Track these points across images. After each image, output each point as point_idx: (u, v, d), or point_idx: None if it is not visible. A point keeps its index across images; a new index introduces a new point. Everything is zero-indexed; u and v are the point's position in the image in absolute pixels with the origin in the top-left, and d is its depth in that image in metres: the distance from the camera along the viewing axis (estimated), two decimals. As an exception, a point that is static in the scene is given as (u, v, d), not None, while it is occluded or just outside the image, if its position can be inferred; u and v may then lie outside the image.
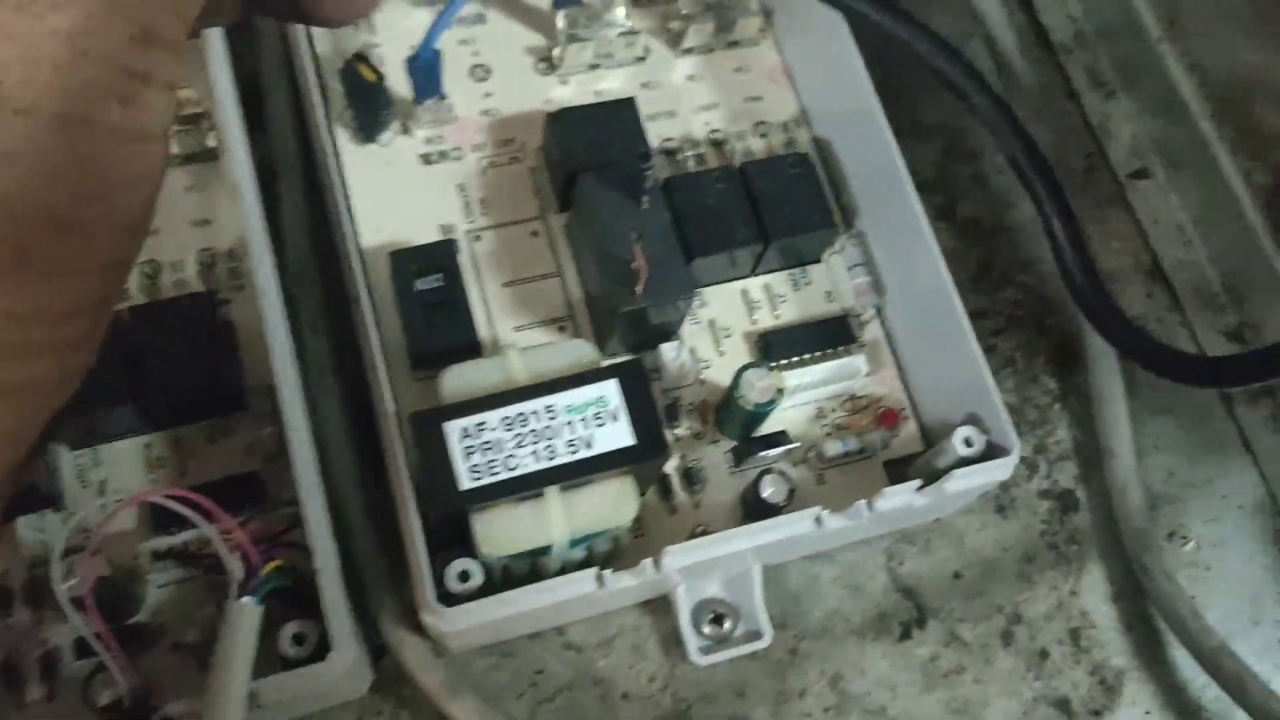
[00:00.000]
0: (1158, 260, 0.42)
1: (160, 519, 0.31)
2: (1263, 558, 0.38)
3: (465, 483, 0.30)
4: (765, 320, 0.37)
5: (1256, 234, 0.39)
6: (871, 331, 0.37)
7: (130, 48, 0.17)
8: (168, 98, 0.19)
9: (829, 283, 0.38)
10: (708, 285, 0.37)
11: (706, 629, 0.34)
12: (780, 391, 0.33)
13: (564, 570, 0.32)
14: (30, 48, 0.16)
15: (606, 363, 0.31)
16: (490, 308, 0.36)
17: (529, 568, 0.31)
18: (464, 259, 0.36)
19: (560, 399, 0.31)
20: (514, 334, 0.36)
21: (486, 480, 0.30)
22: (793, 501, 0.34)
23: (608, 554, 0.33)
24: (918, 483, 0.32)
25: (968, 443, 0.33)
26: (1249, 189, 0.39)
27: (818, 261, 0.38)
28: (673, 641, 0.35)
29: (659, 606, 0.35)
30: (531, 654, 0.34)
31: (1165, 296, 0.41)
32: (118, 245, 0.19)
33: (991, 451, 0.33)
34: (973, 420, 0.33)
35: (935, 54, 0.37)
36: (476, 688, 0.34)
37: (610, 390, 0.31)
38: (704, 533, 0.34)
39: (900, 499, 0.32)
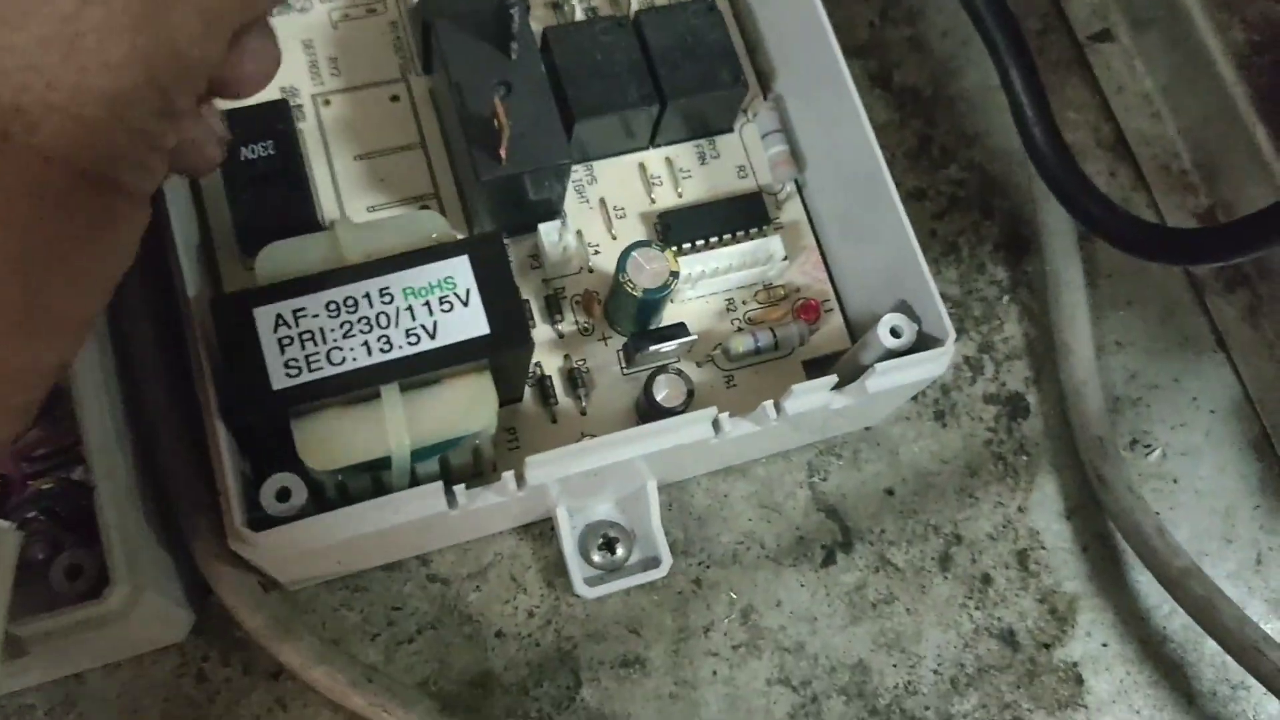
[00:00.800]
0: (1121, 133, 0.36)
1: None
2: (1238, 467, 0.33)
3: (279, 381, 0.24)
4: (667, 198, 0.32)
5: (1233, 100, 0.34)
6: (790, 212, 0.32)
7: (155, 118, 0.18)
8: (167, 163, 0.19)
9: (741, 156, 0.33)
10: (599, 158, 0.32)
11: (595, 556, 0.30)
12: (675, 275, 0.28)
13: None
14: (72, 102, 0.17)
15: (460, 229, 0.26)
16: (340, 184, 0.31)
17: (370, 484, 0.26)
18: (308, 127, 0.31)
19: (397, 279, 0.25)
20: (368, 215, 0.30)
21: (306, 378, 0.25)
22: (692, 405, 0.28)
23: (468, 469, 0.28)
24: (833, 379, 0.27)
25: (894, 332, 0.28)
26: (1225, 48, 0.34)
27: (729, 132, 0.33)
28: (556, 571, 0.30)
29: (542, 531, 0.30)
30: (388, 587, 0.29)
31: (1129, 174, 0.36)
32: (98, 303, 0.19)
33: (924, 343, 0.28)
34: (902, 308, 0.28)
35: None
36: (319, 628, 0.29)
37: (460, 269, 0.26)
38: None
39: (813, 399, 0.27)
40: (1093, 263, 0.34)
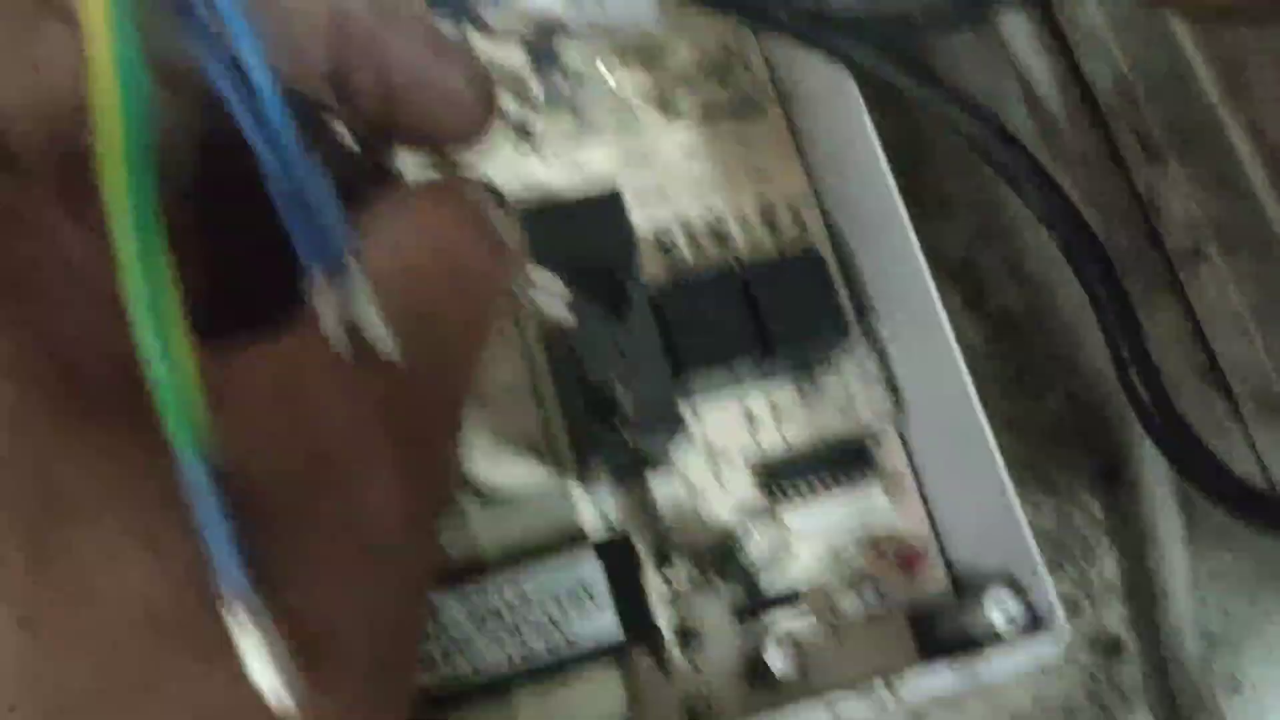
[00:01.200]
0: (1214, 358, 0.37)
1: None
2: (1339, 716, 0.34)
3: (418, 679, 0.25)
4: (769, 439, 0.33)
5: (1328, 331, 0.34)
6: (892, 455, 0.33)
7: None
8: None
9: (842, 395, 0.33)
10: (701, 393, 0.32)
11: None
12: (788, 546, 0.29)
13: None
14: None
15: (585, 511, 0.27)
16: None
17: (495, 767, 0.27)
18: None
19: (533, 580, 0.26)
20: (480, 461, 0.31)
21: (442, 675, 0.25)
22: (804, 670, 0.29)
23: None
24: (948, 668, 0.27)
25: (1005, 614, 0.28)
26: (1321, 278, 0.34)
27: (831, 372, 0.33)
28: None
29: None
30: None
31: (1223, 402, 0.36)
32: None
33: (1035, 619, 0.28)
34: (1009, 583, 0.29)
35: (961, 115, 0.32)
36: None
37: (593, 571, 0.26)
38: (705, 704, 0.29)
39: (929, 683, 0.28)
40: (1188, 495, 0.35)
